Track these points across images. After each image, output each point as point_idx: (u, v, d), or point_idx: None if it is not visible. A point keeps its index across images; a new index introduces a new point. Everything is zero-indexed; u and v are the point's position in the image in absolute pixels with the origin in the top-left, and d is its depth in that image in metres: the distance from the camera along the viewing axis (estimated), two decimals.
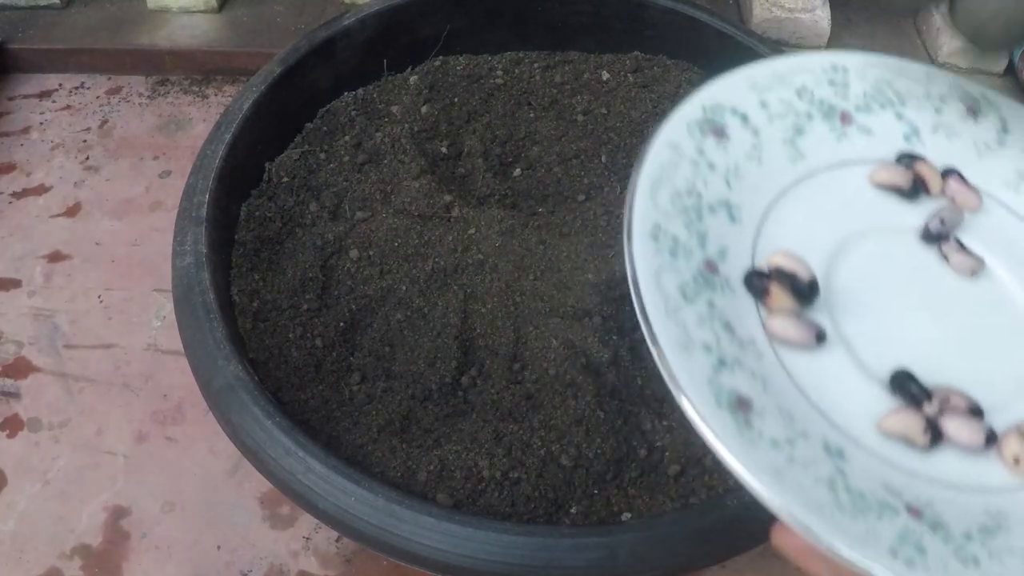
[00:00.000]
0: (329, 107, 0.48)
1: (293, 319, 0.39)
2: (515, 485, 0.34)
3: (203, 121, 0.62)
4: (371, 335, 0.39)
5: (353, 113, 0.47)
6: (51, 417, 0.46)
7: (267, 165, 0.44)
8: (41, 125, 0.61)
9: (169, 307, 0.50)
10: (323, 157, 0.46)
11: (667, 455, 0.36)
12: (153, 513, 0.43)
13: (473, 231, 0.42)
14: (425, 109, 0.48)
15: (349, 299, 0.40)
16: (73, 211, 0.56)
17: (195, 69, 0.65)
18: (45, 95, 0.63)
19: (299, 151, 0.45)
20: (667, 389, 0.37)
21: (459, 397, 0.37)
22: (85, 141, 0.60)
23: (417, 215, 0.42)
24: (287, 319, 0.39)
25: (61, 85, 0.64)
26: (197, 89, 0.64)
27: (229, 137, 0.41)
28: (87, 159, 0.59)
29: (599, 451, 0.35)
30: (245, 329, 0.38)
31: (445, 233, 0.42)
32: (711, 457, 0.35)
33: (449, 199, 0.43)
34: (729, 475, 0.35)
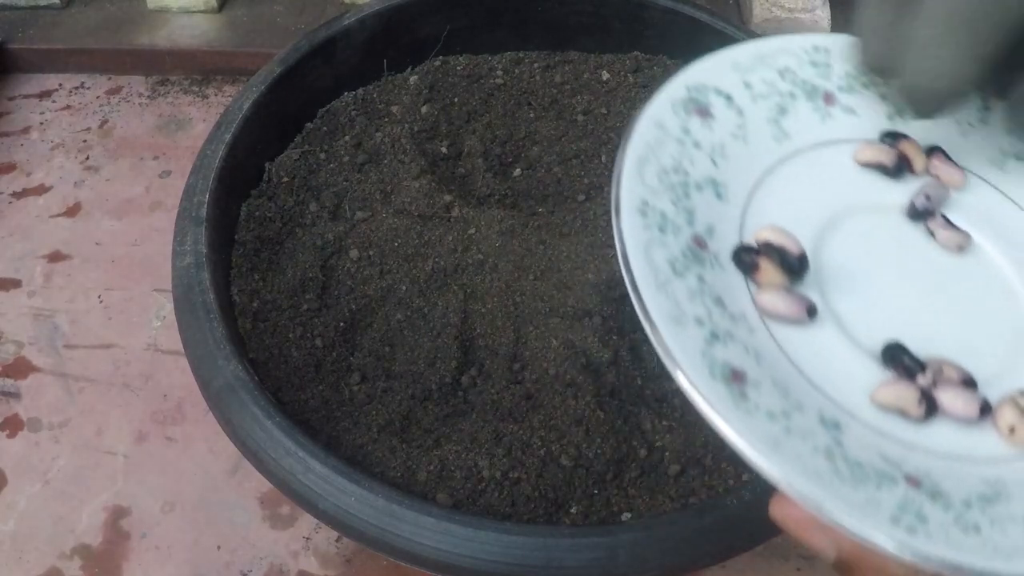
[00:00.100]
0: (329, 107, 0.48)
1: (293, 319, 0.39)
2: (515, 485, 0.34)
3: (203, 121, 0.62)
4: (371, 335, 0.39)
5: (353, 113, 0.47)
6: (51, 417, 0.46)
7: (267, 165, 0.44)
8: (41, 125, 0.61)
9: (169, 307, 0.51)
10: (323, 157, 0.46)
11: (667, 455, 0.36)
12: (153, 513, 0.43)
13: (473, 231, 0.42)
14: (425, 109, 0.48)
15: (349, 299, 0.40)
16: (73, 211, 0.56)
17: (195, 69, 0.65)
18: (45, 95, 0.63)
19: (299, 151, 0.45)
20: (667, 389, 0.38)
21: (459, 397, 0.37)
22: (85, 141, 0.60)
23: (417, 215, 0.43)
24: (287, 319, 0.39)
25: (61, 85, 0.64)
26: (197, 89, 0.64)
27: (229, 137, 0.41)
28: (87, 159, 0.59)
29: (599, 451, 0.35)
30: (245, 329, 0.38)
31: (445, 233, 0.42)
32: (711, 457, 0.35)
33: (449, 199, 0.43)
34: (729, 475, 0.35)
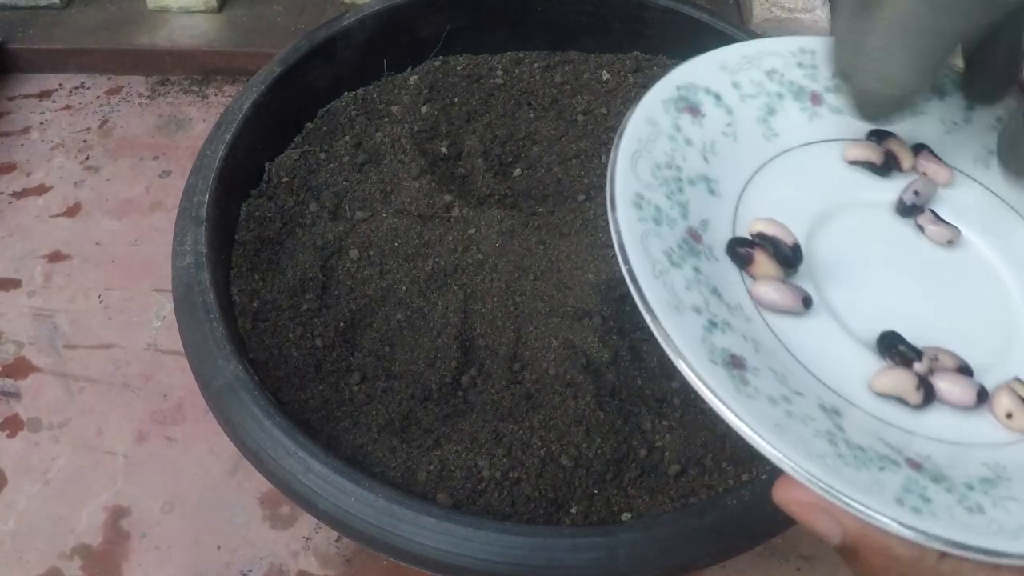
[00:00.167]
0: (329, 107, 0.48)
1: (293, 319, 0.39)
2: (515, 485, 0.34)
3: (203, 121, 0.62)
4: (371, 335, 0.39)
5: (353, 113, 0.47)
6: (51, 417, 0.46)
7: (267, 165, 0.44)
8: (41, 125, 0.61)
9: (169, 307, 0.51)
10: (323, 157, 0.46)
11: (667, 455, 0.36)
12: (153, 513, 0.43)
13: (473, 231, 0.42)
14: (425, 109, 0.48)
15: (349, 299, 0.40)
16: (73, 211, 0.56)
17: (195, 69, 0.65)
18: (45, 95, 0.63)
19: (299, 151, 0.45)
20: (667, 389, 0.38)
21: (459, 397, 0.37)
22: (85, 141, 0.60)
23: (417, 215, 0.43)
24: (287, 319, 0.39)
25: (61, 85, 0.64)
26: (197, 89, 0.64)
27: (229, 137, 0.41)
28: (87, 159, 0.59)
29: (599, 451, 0.35)
30: (245, 329, 0.38)
31: (445, 233, 0.42)
32: (711, 457, 0.35)
33: (449, 199, 0.43)
34: (729, 475, 0.35)
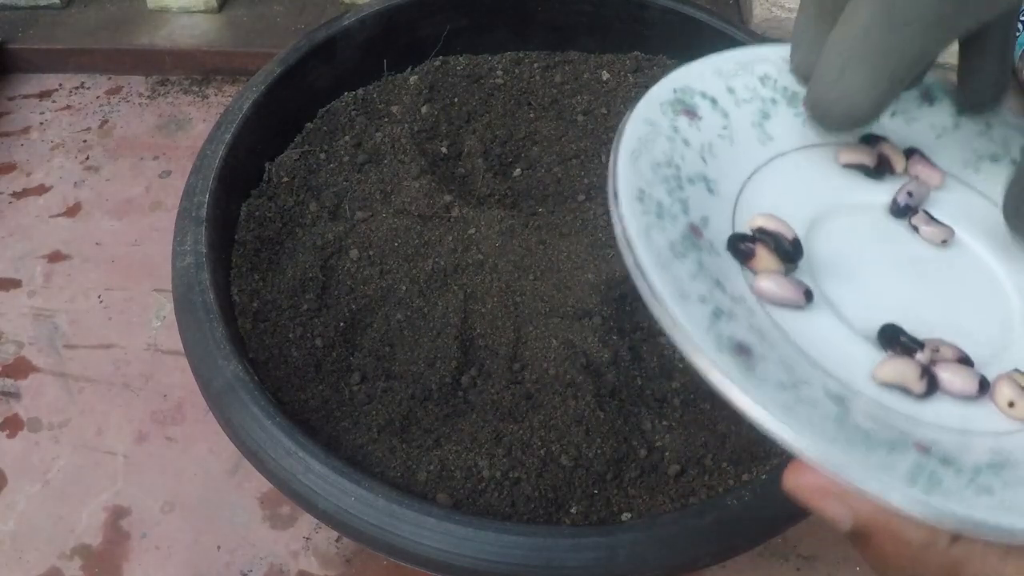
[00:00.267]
0: (329, 107, 0.48)
1: (293, 319, 0.39)
2: (515, 485, 0.34)
3: (203, 121, 0.62)
4: (371, 335, 0.39)
5: (353, 113, 0.47)
6: (51, 417, 0.46)
7: (267, 165, 0.44)
8: (41, 125, 0.61)
9: (169, 307, 0.51)
10: (323, 157, 0.46)
11: (667, 455, 0.36)
12: (153, 513, 0.43)
13: (473, 231, 0.42)
14: (425, 109, 0.48)
15: (349, 299, 0.40)
16: (73, 211, 0.56)
17: (195, 69, 0.65)
18: (45, 95, 0.63)
19: (299, 151, 0.45)
20: (667, 389, 0.38)
21: (459, 397, 0.37)
22: (85, 141, 0.60)
23: (417, 215, 0.43)
24: (287, 319, 0.39)
25: (61, 85, 0.64)
26: (197, 89, 0.64)
27: (229, 137, 0.41)
28: (87, 159, 0.59)
29: (599, 451, 0.35)
30: (245, 329, 0.38)
31: (445, 233, 0.42)
32: (711, 457, 0.35)
33: (449, 199, 0.43)
34: (729, 475, 0.35)
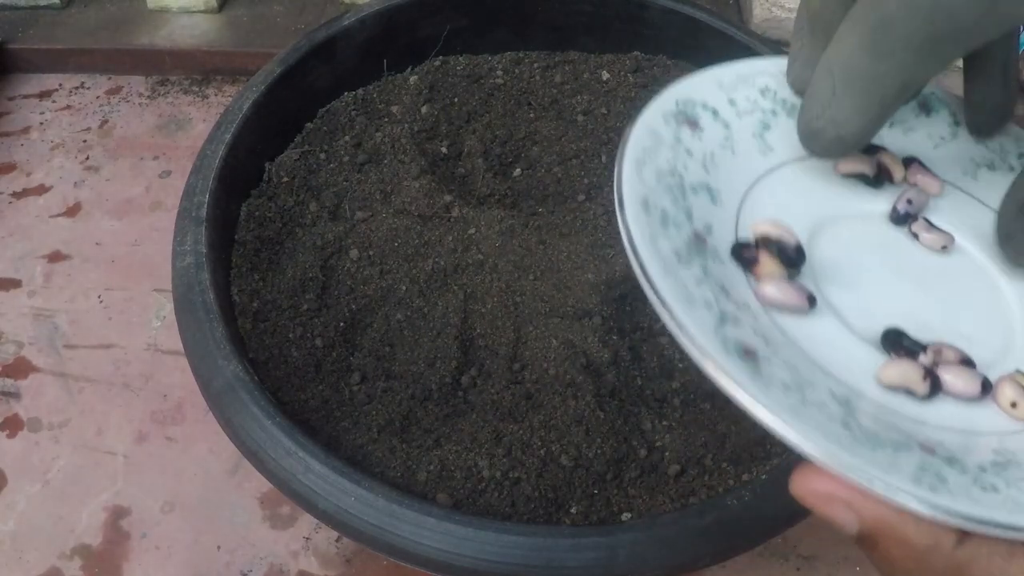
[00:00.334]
0: (329, 107, 0.48)
1: (293, 319, 0.39)
2: (515, 485, 0.34)
3: (203, 121, 0.62)
4: (371, 335, 0.39)
5: (353, 113, 0.47)
6: (51, 417, 0.46)
7: (267, 165, 0.44)
8: (41, 125, 0.61)
9: (169, 307, 0.51)
10: (323, 157, 0.46)
11: (667, 455, 0.36)
12: (153, 513, 0.43)
13: (473, 231, 0.42)
14: (425, 109, 0.48)
15: (349, 299, 0.40)
16: (73, 211, 0.56)
17: (195, 69, 0.65)
18: (45, 95, 0.63)
19: (299, 151, 0.45)
20: (667, 389, 0.38)
21: (459, 397, 0.37)
22: (85, 141, 0.60)
23: (417, 215, 0.43)
24: (287, 319, 0.39)
25: (61, 85, 0.64)
26: (197, 89, 0.64)
27: (229, 137, 0.41)
28: (87, 159, 0.59)
29: (599, 451, 0.35)
30: (245, 329, 0.38)
31: (445, 233, 0.42)
32: (711, 457, 0.35)
33: (449, 199, 0.43)
34: (729, 475, 0.35)
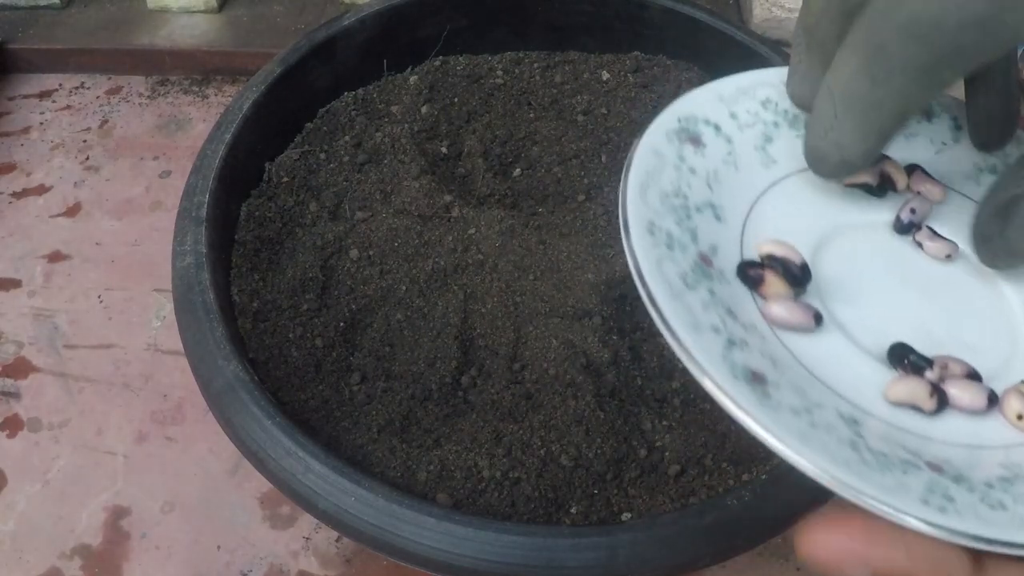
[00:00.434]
0: (329, 107, 0.48)
1: (293, 319, 0.39)
2: (515, 485, 0.34)
3: (203, 121, 0.62)
4: (371, 335, 0.39)
5: (353, 113, 0.47)
6: (51, 417, 0.46)
7: (267, 165, 0.44)
8: (41, 125, 0.61)
9: (169, 307, 0.51)
10: (323, 157, 0.46)
11: (667, 455, 0.36)
12: (153, 513, 0.43)
13: (473, 231, 0.42)
14: (425, 109, 0.48)
15: (349, 299, 0.40)
16: (73, 211, 0.56)
17: (195, 69, 0.65)
18: (45, 95, 0.63)
19: (299, 151, 0.45)
20: (667, 389, 0.38)
21: (459, 397, 0.37)
22: (85, 141, 0.60)
23: (417, 215, 0.43)
24: (287, 319, 0.39)
25: (61, 85, 0.64)
26: (197, 89, 0.64)
27: (229, 137, 0.41)
28: (87, 159, 0.59)
29: (599, 451, 0.35)
30: (245, 329, 0.38)
31: (445, 233, 0.42)
32: (711, 457, 0.35)
33: (449, 199, 0.43)
34: (729, 475, 0.35)
